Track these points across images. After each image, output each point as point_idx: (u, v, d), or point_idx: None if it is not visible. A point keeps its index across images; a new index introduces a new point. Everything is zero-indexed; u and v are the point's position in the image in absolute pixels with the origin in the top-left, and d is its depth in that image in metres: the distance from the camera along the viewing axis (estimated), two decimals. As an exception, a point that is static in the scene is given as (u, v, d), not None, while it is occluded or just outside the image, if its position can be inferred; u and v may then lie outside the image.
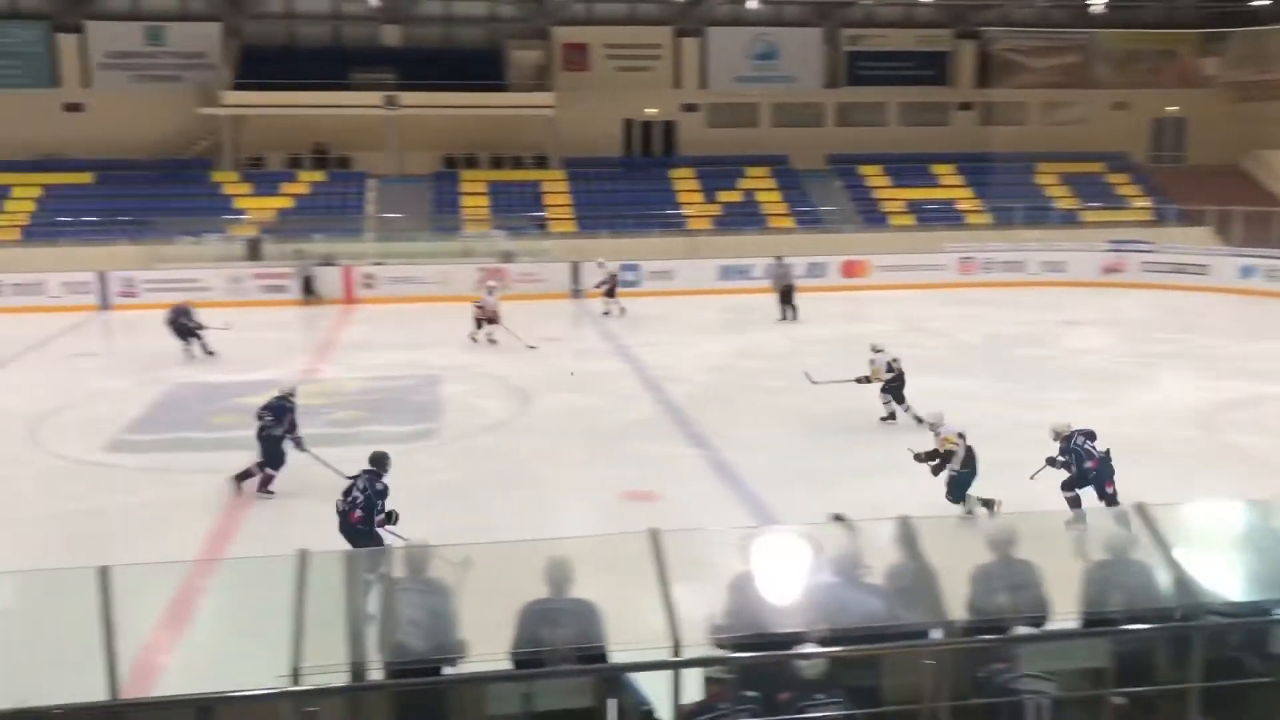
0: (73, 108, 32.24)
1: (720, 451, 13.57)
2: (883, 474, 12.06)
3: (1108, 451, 10.45)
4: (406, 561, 6.14)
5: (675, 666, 5.35)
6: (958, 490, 10.65)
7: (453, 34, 34.86)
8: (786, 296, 24.07)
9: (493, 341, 20.80)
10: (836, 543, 6.35)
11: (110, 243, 28.37)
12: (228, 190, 31.42)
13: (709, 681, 5.61)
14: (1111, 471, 10.32)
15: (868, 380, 14.70)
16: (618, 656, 5.53)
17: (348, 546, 8.84)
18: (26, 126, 31.36)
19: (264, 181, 32.09)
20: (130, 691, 6.05)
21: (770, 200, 33.20)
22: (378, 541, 9.12)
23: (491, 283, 22.70)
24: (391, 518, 9.30)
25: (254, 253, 28.47)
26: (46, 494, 12.48)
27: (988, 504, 10.53)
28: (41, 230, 29.22)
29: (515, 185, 33.24)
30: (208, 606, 8.98)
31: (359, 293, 27.47)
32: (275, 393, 12.36)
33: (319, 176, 32.59)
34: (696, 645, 5.52)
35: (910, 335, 21.48)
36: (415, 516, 11.09)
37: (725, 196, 33.12)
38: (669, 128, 36.00)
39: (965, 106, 37.13)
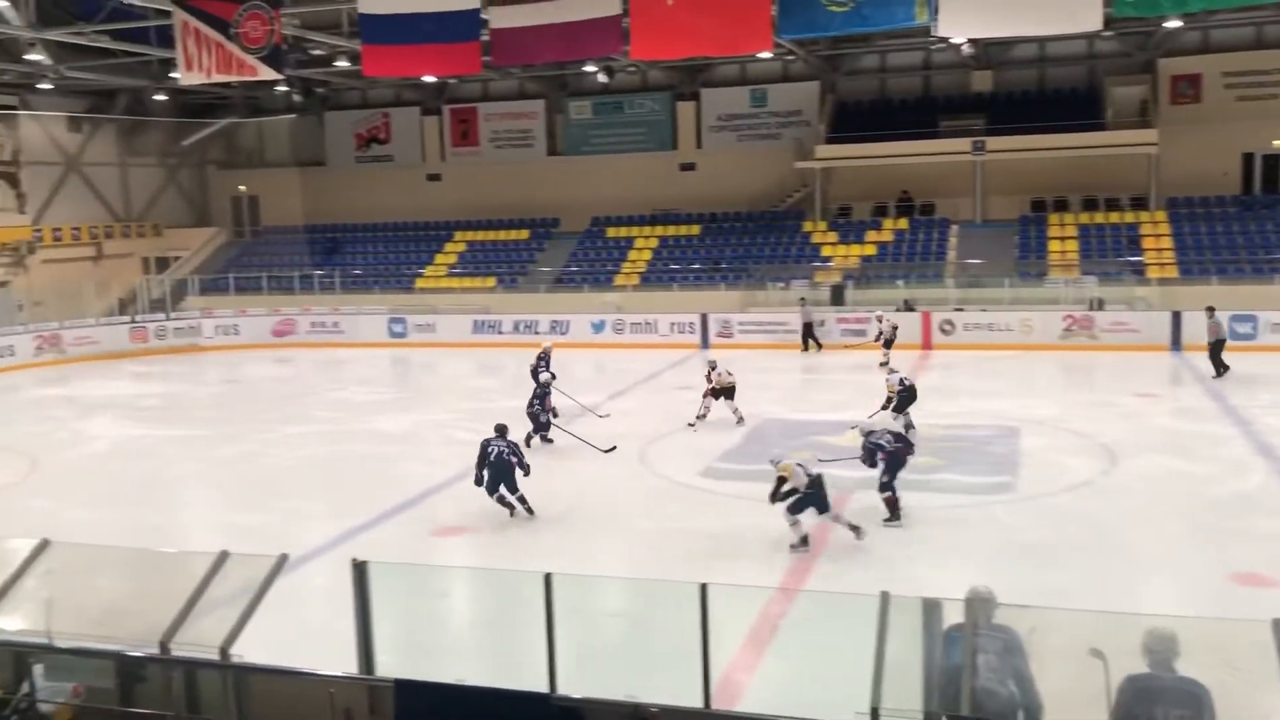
0: (686, 167, 36.06)
1: (1360, 537, 11.53)
2: None
3: (899, 449, 12.61)
4: (978, 608, 5.95)
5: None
6: (795, 505, 11.69)
7: (1046, 75, 33.68)
8: (1216, 352, 21.36)
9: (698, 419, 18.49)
10: None
11: (711, 288, 31.25)
12: (816, 239, 33.12)
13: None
14: (901, 464, 12.57)
15: (891, 401, 17.12)
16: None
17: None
18: (649, 185, 35.68)
19: (850, 230, 33.37)
20: (716, 703, 6.52)
21: None
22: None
23: (880, 311, 23.93)
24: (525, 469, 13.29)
25: (837, 298, 29.69)
26: (651, 510, 13.95)
27: (855, 529, 11.78)
28: (656, 276, 32.97)
29: (1109, 228, 31.17)
30: (786, 633, 9.44)
31: (936, 339, 27.43)
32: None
33: (903, 224, 33.16)
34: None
35: None
36: (986, 570, 10.78)
37: (1374, 238, 28.27)
38: (1300, 161, 31.56)
39: None
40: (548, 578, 6.29)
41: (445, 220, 37.58)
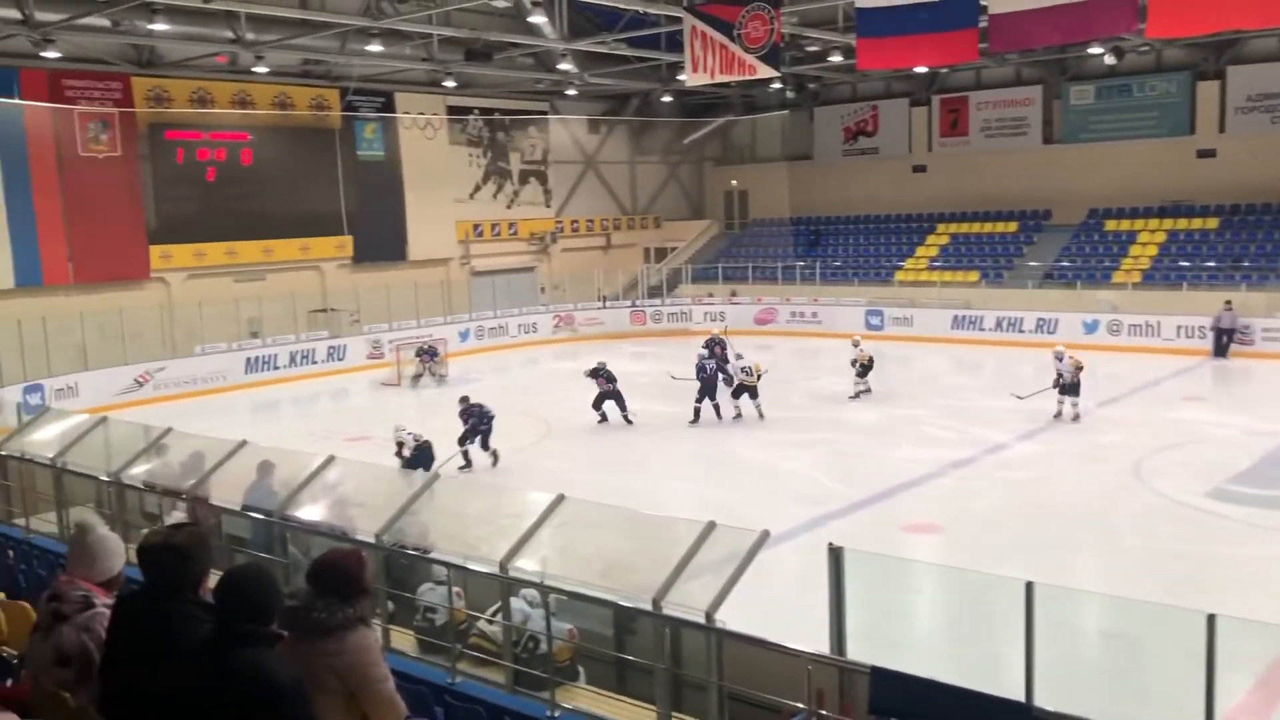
0: (1205, 154, 32.41)
1: None
2: None
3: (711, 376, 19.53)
4: None
5: None
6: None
7: None
8: None
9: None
10: None
11: (1229, 288, 27.90)
12: (1367, 234, 28.42)
13: None
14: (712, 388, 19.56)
15: (859, 365, 21.62)
16: None
17: None
18: (1157, 174, 32.55)
19: None
20: (1221, 747, 5.87)
21: None
22: None
23: (1061, 348, 19.50)
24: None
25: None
26: (1144, 529, 12.82)
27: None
28: (1162, 274, 30.08)
29: None
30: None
31: None
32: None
33: None
34: None
35: None
36: None
37: None
38: None
39: None
40: (1029, 586, 6.01)
41: (928, 212, 36.94)
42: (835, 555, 6.44)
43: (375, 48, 25.71)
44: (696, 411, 19.67)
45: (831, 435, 18.47)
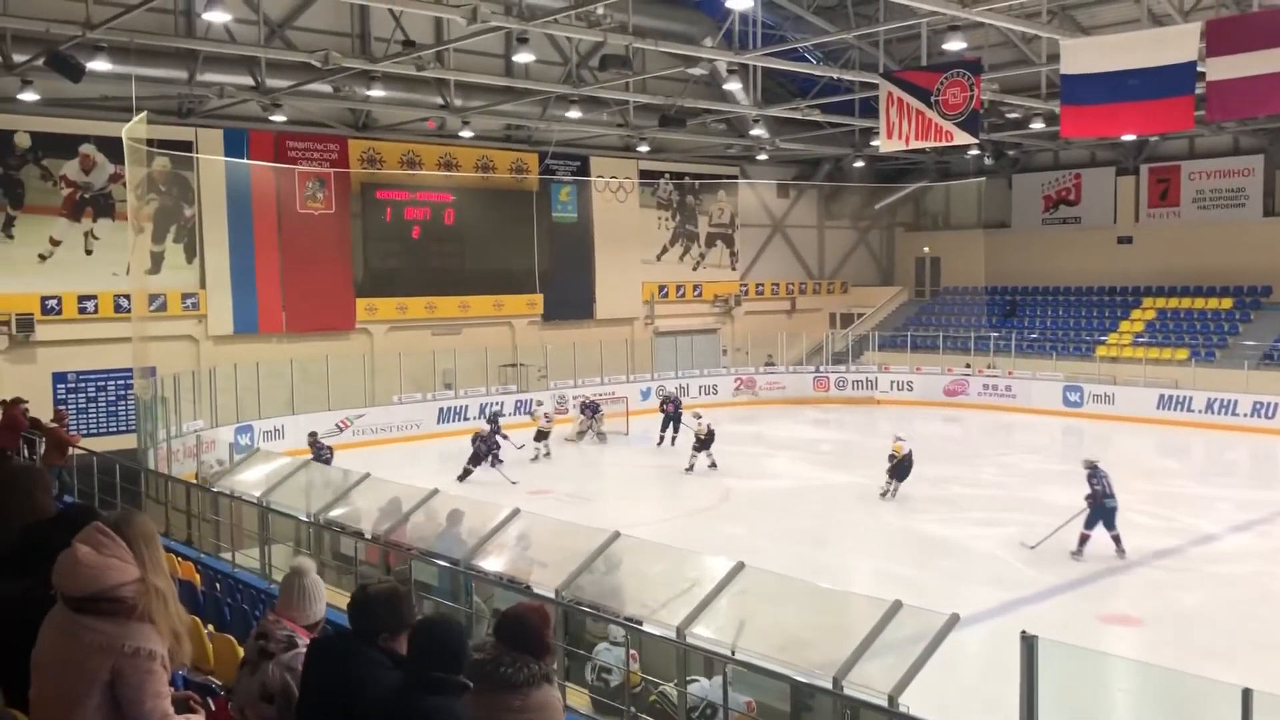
0: None
1: None
2: None
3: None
4: None
5: None
6: None
7: None
8: None
9: None
10: None
11: None
12: None
13: None
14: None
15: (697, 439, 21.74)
16: None
17: None
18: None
19: None
20: None
21: None
22: None
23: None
24: None
25: None
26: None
27: None
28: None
29: None
30: None
31: None
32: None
33: None
34: None
35: None
36: None
37: None
38: None
39: None
40: (1246, 694, 5.55)
41: (1134, 285, 35.20)
42: (1028, 644, 6.12)
43: (574, 114, 26.58)
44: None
45: (1023, 515, 17.64)
